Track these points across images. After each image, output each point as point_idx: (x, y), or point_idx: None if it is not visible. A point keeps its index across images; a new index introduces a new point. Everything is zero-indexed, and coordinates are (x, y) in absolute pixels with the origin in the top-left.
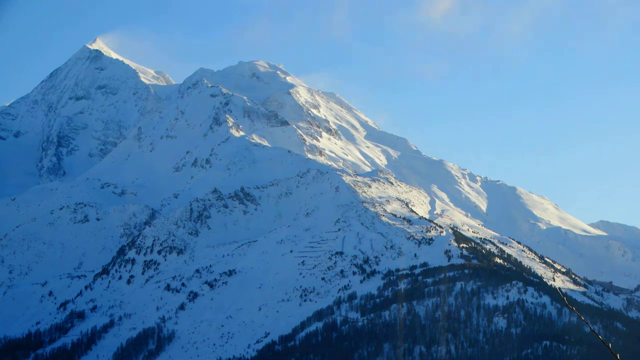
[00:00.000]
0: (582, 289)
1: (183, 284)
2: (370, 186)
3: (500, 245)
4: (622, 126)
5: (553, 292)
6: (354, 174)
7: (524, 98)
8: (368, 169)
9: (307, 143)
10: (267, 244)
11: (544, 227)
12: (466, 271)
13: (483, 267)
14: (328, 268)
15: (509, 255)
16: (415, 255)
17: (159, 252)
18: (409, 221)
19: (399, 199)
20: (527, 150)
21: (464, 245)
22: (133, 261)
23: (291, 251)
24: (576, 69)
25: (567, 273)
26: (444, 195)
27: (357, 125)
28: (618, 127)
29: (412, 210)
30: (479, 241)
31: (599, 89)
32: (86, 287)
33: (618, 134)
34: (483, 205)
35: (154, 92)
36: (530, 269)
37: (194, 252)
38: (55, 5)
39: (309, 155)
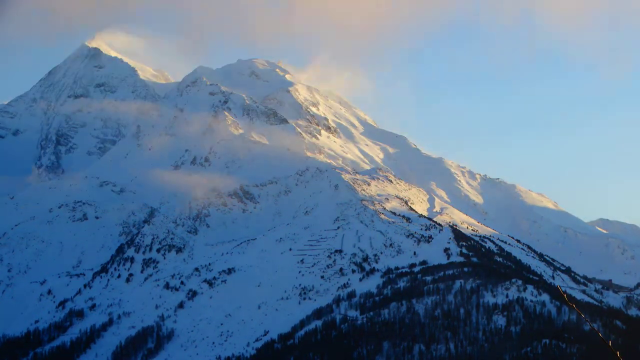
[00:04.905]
0: (581, 287)
1: (182, 283)
2: (369, 184)
3: (500, 243)
4: (622, 124)
5: (552, 290)
6: (353, 172)
7: (523, 96)
8: (367, 167)
9: (306, 141)
10: (266, 242)
11: (544, 225)
12: (465, 269)
13: (482, 265)
14: (327, 266)
15: (509, 253)
16: (414, 253)
17: (158, 251)
18: (408, 219)
19: (398, 197)
20: (527, 147)
21: (463, 243)
22: (132, 259)
23: (290, 249)
24: (576, 68)
25: (567, 271)
26: (443, 193)
27: (356, 123)
28: (618, 125)
29: (411, 208)
30: (478, 239)
31: (599, 87)
32: (85, 286)
33: (618, 132)
34: (482, 203)
35: (153, 90)
36: (529, 267)
37: (193, 250)
38: (54, 3)
39: (308, 154)
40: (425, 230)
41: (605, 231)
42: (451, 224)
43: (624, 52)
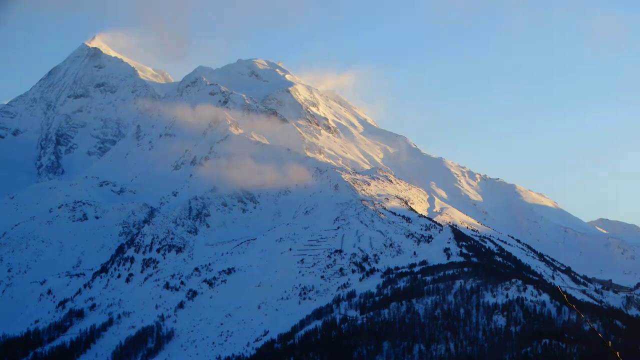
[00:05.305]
0: (581, 287)
1: (182, 283)
2: (369, 184)
3: (500, 243)
4: (622, 124)
5: (552, 290)
6: (353, 172)
7: (523, 95)
8: (367, 167)
9: (306, 141)
10: (266, 242)
11: (544, 225)
12: (465, 269)
13: (482, 265)
14: (327, 266)
15: (509, 253)
16: (414, 253)
17: (158, 251)
18: (408, 219)
19: (398, 197)
20: (527, 147)
21: (463, 243)
22: (132, 259)
23: (290, 249)
24: (577, 67)
25: (567, 271)
26: (443, 193)
27: (356, 123)
28: (618, 125)
29: (411, 208)
30: (478, 239)
31: (598, 87)
32: (85, 286)
33: (618, 132)
34: (482, 203)
35: (152, 90)
36: (529, 267)
37: (193, 250)
38: (54, 2)
39: (308, 153)
40: (425, 230)
41: (605, 231)
42: (451, 224)
43: (623, 50)
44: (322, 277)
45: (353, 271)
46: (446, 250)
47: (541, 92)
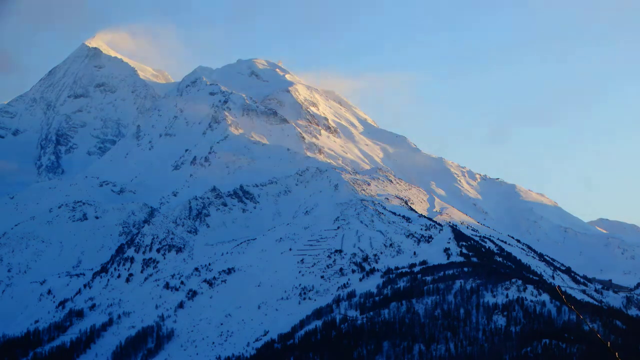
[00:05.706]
0: (581, 287)
1: (182, 282)
2: (369, 184)
3: (500, 243)
4: (621, 124)
5: (552, 290)
6: (353, 172)
7: (523, 94)
8: (367, 167)
9: (306, 141)
10: (266, 242)
11: (543, 225)
12: (465, 269)
13: (482, 265)
14: (327, 266)
15: (509, 253)
16: (414, 253)
17: (158, 251)
18: (409, 219)
19: (398, 197)
20: (527, 147)
21: (463, 243)
22: (132, 259)
23: (290, 249)
24: (577, 67)
25: (567, 271)
26: (443, 193)
27: (356, 123)
28: (618, 125)
29: (411, 208)
30: (478, 239)
31: (599, 87)
32: (85, 286)
33: (618, 131)
34: (482, 203)
35: (152, 90)
36: (529, 267)
37: (192, 250)
38: (54, 2)
39: (308, 153)
40: (425, 230)
41: (605, 231)
42: (451, 224)
43: (621, 48)
44: (322, 277)
45: (353, 271)
46: (446, 250)
47: (541, 90)
